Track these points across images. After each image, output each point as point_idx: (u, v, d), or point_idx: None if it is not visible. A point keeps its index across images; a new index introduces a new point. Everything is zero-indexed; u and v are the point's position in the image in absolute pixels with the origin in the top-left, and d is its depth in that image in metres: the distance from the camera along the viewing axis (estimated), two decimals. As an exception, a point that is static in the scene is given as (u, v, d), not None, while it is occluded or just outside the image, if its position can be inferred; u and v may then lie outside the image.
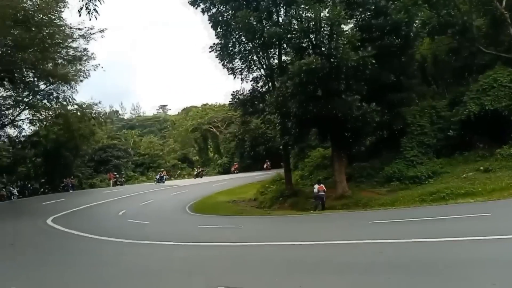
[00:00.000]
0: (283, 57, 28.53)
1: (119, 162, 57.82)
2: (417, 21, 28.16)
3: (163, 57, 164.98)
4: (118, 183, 51.02)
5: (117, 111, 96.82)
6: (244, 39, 27.70)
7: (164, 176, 49.67)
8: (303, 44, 24.21)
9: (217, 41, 28.06)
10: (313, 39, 23.55)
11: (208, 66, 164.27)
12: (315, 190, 23.66)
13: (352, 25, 25.06)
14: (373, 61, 22.35)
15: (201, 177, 52.84)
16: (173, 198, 34.02)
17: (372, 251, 10.45)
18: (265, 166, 52.76)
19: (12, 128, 42.70)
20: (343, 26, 22.93)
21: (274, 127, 30.39)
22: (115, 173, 53.67)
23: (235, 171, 54.43)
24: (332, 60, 22.13)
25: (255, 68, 29.14)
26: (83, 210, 28.09)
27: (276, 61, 28.73)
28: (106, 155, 57.36)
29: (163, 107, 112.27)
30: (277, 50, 28.20)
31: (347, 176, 25.89)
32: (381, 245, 11.10)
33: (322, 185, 23.94)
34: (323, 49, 23.12)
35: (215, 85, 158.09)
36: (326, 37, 23.16)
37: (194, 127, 69.46)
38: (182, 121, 76.08)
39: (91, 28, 36.37)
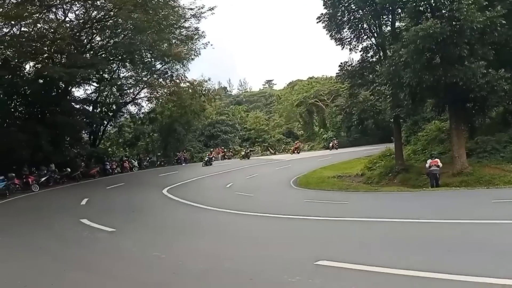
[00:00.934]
0: (397, 24, 26.89)
1: (227, 137, 59.69)
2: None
3: (270, 30, 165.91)
4: (226, 157, 52.58)
5: (225, 88, 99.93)
6: (354, 7, 26.62)
7: (213, 157, 46.05)
8: (420, 8, 22.28)
9: (325, 11, 27.26)
10: (432, 1, 21.53)
11: (313, 38, 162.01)
12: (427, 165, 22.05)
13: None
14: (503, 21, 19.91)
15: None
16: (277, 172, 34.13)
17: (501, 231, 9.29)
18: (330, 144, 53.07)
19: (133, 106, 46.23)
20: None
21: (385, 99, 28.89)
22: (223, 147, 55.46)
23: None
24: (453, 23, 20.03)
25: (365, 37, 27.91)
26: (194, 182, 29.35)
27: (388, 28, 27.12)
28: (215, 130, 59.57)
29: (269, 82, 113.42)
30: (390, 16, 26.62)
31: (467, 151, 23.74)
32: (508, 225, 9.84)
33: (436, 159, 22.16)
34: (443, 11, 21.04)
35: (322, 58, 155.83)
36: (448, -3, 21.08)
37: (300, 101, 68.92)
38: (288, 96, 75.90)
39: (201, 7, 37.44)
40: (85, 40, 35.32)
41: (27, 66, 33.00)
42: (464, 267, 6.63)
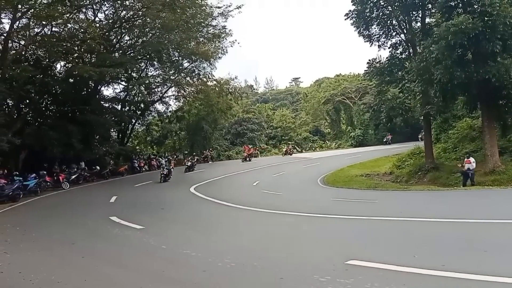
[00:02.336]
0: (427, 20, 26.36)
1: (253, 135, 59.66)
2: None
3: (296, 28, 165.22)
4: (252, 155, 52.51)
5: (251, 86, 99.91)
6: (382, 3, 26.34)
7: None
8: (451, 3, 21.80)
9: (353, 7, 27.04)
10: (464, -4, 21.04)
11: (340, 35, 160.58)
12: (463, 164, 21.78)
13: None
14: (537, 16, 19.24)
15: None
16: (304, 170, 33.95)
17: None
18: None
19: (161, 104, 46.66)
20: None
21: (414, 96, 28.35)
22: (249, 145, 55.47)
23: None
24: (485, 18, 19.47)
25: (394, 33, 27.50)
26: (221, 180, 29.46)
27: (418, 24, 26.60)
28: (242, 128, 59.59)
29: (295, 79, 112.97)
30: (420, 12, 26.10)
31: (499, 149, 23.10)
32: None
33: (470, 158, 21.80)
34: (475, 6, 20.50)
35: (349, 55, 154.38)
36: (480, -8, 20.53)
37: (327, 98, 68.30)
38: (314, 93, 75.30)
39: (229, 6, 37.44)
40: (114, 40, 35.83)
41: (58, 66, 33.71)
42: (501, 268, 6.42)
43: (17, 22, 27.30)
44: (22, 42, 27.98)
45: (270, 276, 7.16)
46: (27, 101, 31.58)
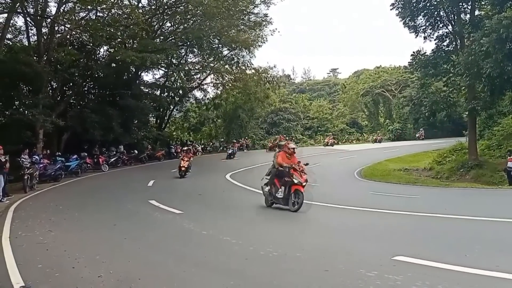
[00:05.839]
0: (477, 12, 25.31)
1: (289, 125, 59.34)
2: None
3: (336, 18, 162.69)
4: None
5: (288, 75, 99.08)
6: (430, -7, 25.27)
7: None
8: (503, -5, 20.89)
9: (399, -2, 26.19)
10: (517, -12, 20.10)
11: (380, 27, 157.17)
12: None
13: None
14: None
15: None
16: (340, 162, 33.47)
17: None
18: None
19: (199, 91, 47.04)
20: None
21: (459, 90, 27.42)
22: (285, 135, 55.15)
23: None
24: (540, 11, 18.60)
25: (441, 25, 26.53)
26: (255, 168, 29.32)
27: (467, 16, 25.54)
28: (278, 118, 59.39)
29: (333, 70, 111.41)
30: (469, 3, 25.11)
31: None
32: None
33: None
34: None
35: (390, 47, 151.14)
36: (537, -17, 19.59)
37: (366, 90, 67.16)
38: (353, 85, 74.13)
39: (271, -7, 36.97)
40: (156, 26, 36.17)
41: (101, 50, 34.40)
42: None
43: (63, 6, 27.92)
44: (68, 26, 28.54)
45: (314, 267, 7.00)
46: (71, 84, 32.42)
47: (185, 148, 29.60)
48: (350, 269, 6.79)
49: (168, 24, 37.70)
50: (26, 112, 26.30)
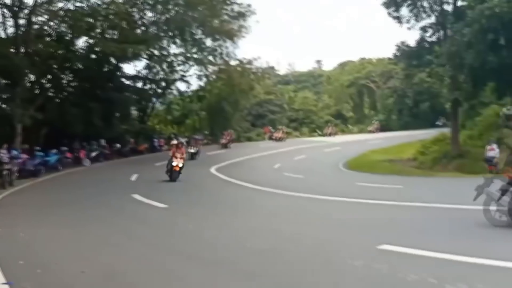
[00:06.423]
0: (459, 2, 25.37)
1: (274, 117, 59.09)
2: None
3: (320, 10, 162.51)
4: (272, 137, 52.06)
5: (273, 67, 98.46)
6: (414, -16, 25.32)
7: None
8: (486, -14, 20.97)
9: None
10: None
11: (364, 19, 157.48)
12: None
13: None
14: None
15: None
16: (326, 154, 33.56)
17: None
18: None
19: (182, 83, 45.92)
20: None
21: (442, 81, 27.63)
22: (270, 127, 54.97)
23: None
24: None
25: (424, 15, 26.55)
26: (241, 161, 29.31)
27: (450, 6, 25.66)
28: (263, 110, 59.06)
29: (318, 62, 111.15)
30: (453, -7, 25.17)
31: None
32: None
33: (493, 145, 21.19)
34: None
35: (374, 38, 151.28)
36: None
37: (350, 82, 67.32)
38: (338, 76, 74.15)
39: (255, -17, 36.71)
40: (137, 16, 35.50)
41: (80, 42, 33.63)
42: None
43: (41, -4, 27.29)
44: (46, 17, 27.89)
45: (301, 258, 6.93)
46: (50, 76, 31.72)
47: (175, 141, 24.23)
48: (336, 259, 6.76)
49: (150, 14, 36.87)
50: (3, 105, 25.71)
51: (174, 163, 19.34)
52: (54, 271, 6.78)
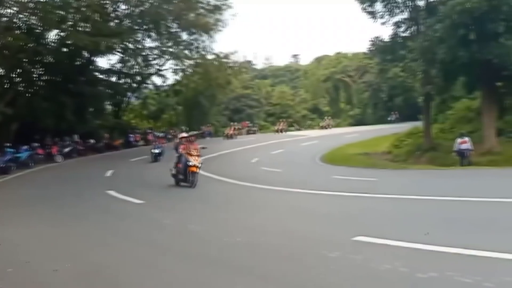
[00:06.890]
0: (431, -2, 25.80)
1: (252, 111, 59.07)
2: None
3: (297, 4, 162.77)
4: (250, 132, 52.05)
5: (249, 61, 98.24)
6: (388, -21, 25.53)
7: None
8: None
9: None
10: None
11: (340, 13, 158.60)
12: (456, 144, 21.90)
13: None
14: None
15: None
16: (304, 148, 33.68)
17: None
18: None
19: (158, 77, 45.58)
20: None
21: (415, 76, 28.05)
22: (248, 122, 54.92)
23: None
24: (491, -1, 19.20)
25: (397, 11, 26.80)
26: (219, 156, 29.12)
27: (423, 2, 26.03)
28: (240, 104, 58.98)
29: (295, 56, 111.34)
30: (425, -11, 25.52)
31: (496, 130, 23.18)
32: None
33: (465, 138, 21.77)
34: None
35: (350, 33, 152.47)
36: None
37: (326, 76, 67.77)
38: (314, 71, 74.58)
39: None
40: (110, 8, 34.82)
41: (51, 35, 32.81)
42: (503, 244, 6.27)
43: (9, -13, 26.53)
44: (15, 9, 27.12)
45: (278, 251, 6.96)
46: (19, 70, 30.90)
47: (185, 134, 20.27)
48: (312, 251, 6.80)
49: (123, 7, 36.12)
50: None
51: (190, 163, 15.09)
52: (25, 270, 6.65)
